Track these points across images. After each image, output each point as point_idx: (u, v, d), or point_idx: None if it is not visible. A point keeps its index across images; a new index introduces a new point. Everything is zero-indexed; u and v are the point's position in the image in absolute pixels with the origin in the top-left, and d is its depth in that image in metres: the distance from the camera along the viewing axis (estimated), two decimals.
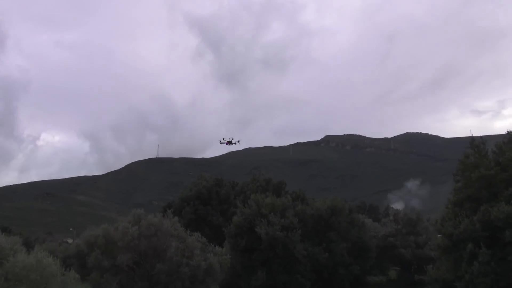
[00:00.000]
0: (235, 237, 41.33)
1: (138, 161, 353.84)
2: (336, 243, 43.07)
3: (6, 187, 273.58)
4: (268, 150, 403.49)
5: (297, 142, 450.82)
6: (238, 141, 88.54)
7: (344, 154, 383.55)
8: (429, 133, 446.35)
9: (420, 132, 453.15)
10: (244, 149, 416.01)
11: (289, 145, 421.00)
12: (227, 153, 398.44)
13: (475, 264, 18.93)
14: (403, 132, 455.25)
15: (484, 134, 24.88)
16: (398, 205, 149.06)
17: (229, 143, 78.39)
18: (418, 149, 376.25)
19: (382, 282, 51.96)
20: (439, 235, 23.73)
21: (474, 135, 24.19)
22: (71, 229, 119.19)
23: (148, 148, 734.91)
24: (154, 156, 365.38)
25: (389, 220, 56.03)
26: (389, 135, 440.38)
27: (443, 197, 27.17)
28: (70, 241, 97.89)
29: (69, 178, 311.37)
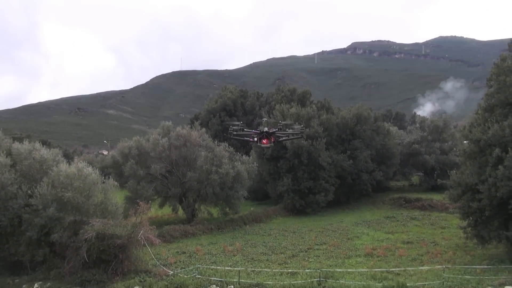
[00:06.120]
0: (261, 146, 42.53)
1: (163, 75, 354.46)
2: (360, 151, 43.90)
3: (39, 103, 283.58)
4: (292, 59, 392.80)
5: (322, 51, 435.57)
6: (301, 133, 30.74)
7: (372, 61, 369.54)
8: (464, 36, 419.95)
9: (454, 35, 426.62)
10: (268, 59, 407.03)
11: (314, 54, 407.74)
12: (251, 64, 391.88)
13: (500, 168, 18.98)
14: (436, 36, 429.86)
15: None
16: (429, 107, 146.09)
17: (267, 138, 25.38)
18: (451, 54, 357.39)
19: (404, 186, 53.60)
20: (465, 141, 23.55)
21: None
22: (105, 141, 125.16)
23: (172, 60, 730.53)
24: (178, 69, 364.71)
25: (415, 128, 55.70)
26: (421, 39, 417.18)
27: (475, 103, 26.39)
28: (105, 152, 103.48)
29: (97, 93, 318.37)
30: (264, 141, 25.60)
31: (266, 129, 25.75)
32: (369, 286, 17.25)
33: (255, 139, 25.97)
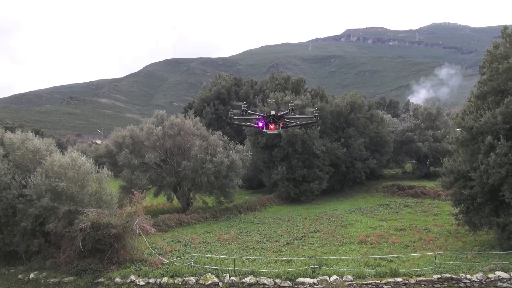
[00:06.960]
0: (255, 135, 42.58)
1: (156, 63, 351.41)
2: (354, 139, 44.06)
3: (31, 92, 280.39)
4: (286, 46, 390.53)
5: (316, 38, 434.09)
6: (316, 117, 23.30)
7: (366, 48, 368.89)
8: (458, 23, 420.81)
9: (448, 22, 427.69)
10: (261, 47, 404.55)
11: (308, 41, 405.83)
12: (244, 51, 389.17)
13: (492, 155, 19.15)
14: (430, 23, 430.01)
15: None
16: (424, 94, 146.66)
17: (275, 123, 21.42)
18: (444, 41, 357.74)
19: (397, 174, 54.01)
20: (458, 129, 23.70)
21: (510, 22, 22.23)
22: (98, 130, 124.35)
23: (165, 47, 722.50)
24: (171, 57, 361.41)
25: (408, 115, 55.92)
26: (414, 26, 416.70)
27: (469, 90, 26.48)
28: (99, 142, 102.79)
29: (90, 82, 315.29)
30: (271, 126, 21.42)
31: (273, 112, 21.80)
32: (362, 272, 17.50)
33: (260, 124, 21.81)
